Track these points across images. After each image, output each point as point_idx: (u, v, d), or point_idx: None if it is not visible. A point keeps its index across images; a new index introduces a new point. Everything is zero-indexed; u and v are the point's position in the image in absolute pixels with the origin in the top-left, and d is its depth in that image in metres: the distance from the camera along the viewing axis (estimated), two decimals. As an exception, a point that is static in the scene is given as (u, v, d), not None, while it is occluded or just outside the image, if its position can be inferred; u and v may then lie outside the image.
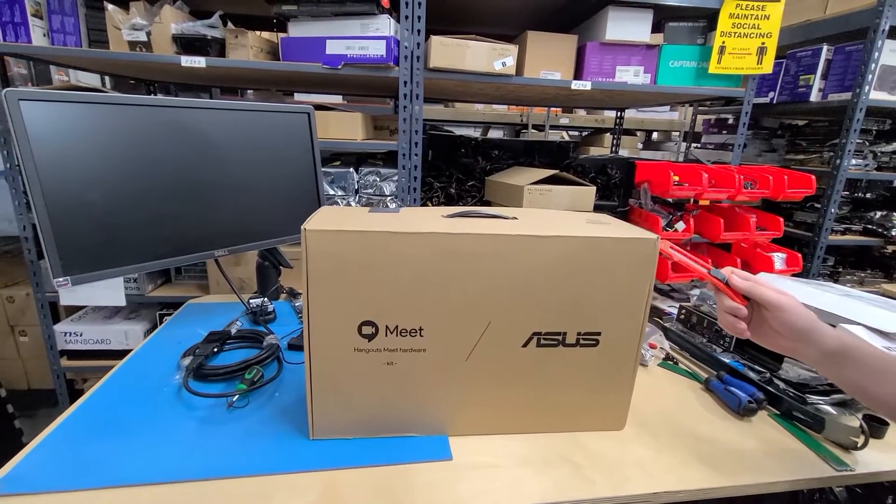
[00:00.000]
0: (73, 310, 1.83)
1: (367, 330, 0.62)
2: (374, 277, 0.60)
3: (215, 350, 0.86)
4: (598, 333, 0.66)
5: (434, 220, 0.66)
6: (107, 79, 2.42)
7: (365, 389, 0.65)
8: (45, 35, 1.42)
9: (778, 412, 0.78)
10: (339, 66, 1.42)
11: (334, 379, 0.64)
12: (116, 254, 0.83)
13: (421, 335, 0.63)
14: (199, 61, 1.35)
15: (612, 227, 0.67)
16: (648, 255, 0.64)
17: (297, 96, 2.94)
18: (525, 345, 0.65)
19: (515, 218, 0.69)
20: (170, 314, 1.15)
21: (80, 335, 1.59)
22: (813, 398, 0.77)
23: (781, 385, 0.81)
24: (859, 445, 0.68)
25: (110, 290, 1.50)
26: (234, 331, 0.94)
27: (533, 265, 0.62)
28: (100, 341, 1.59)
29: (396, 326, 0.62)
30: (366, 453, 0.64)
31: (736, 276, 0.62)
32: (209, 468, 0.60)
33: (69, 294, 1.51)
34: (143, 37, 1.36)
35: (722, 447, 0.69)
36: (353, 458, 0.63)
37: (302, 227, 0.58)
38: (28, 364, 2.03)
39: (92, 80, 2.48)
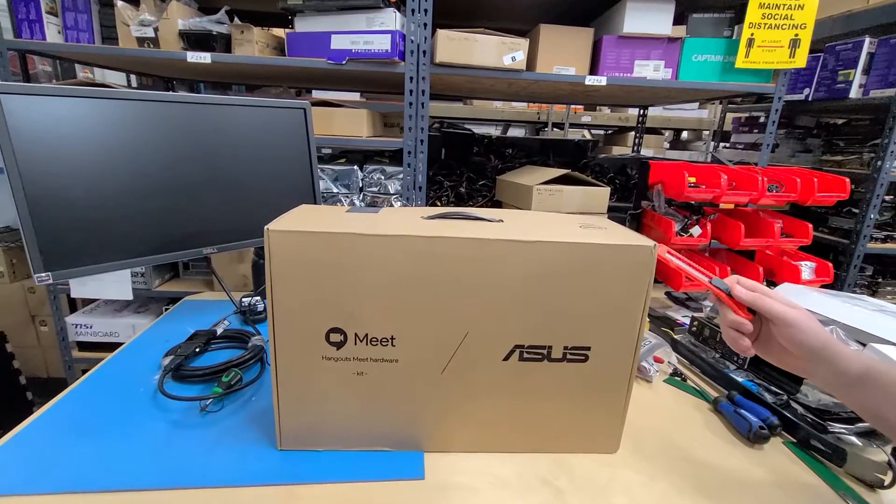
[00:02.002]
0: (89, 302, 1.88)
1: (336, 337, 0.58)
2: (343, 282, 0.56)
3: (197, 350, 0.84)
4: (588, 348, 0.60)
5: (412, 221, 0.61)
6: (133, 77, 2.48)
7: (334, 400, 0.61)
8: (59, 32, 1.45)
9: (794, 440, 0.71)
10: (344, 62, 1.40)
11: (301, 388, 0.60)
12: (100, 249, 0.82)
13: (393, 344, 0.59)
14: (204, 57, 1.34)
15: (607, 233, 0.61)
16: (644, 264, 0.58)
17: (315, 93, 2.95)
18: (506, 358, 0.60)
19: (501, 220, 0.64)
20: (174, 310, 1.14)
21: (91, 327, 1.62)
22: (835, 426, 0.69)
23: (799, 410, 0.73)
24: (886, 484, 0.60)
25: (118, 284, 1.53)
26: (219, 330, 0.92)
27: (515, 272, 0.57)
28: (108, 334, 1.62)
29: (367, 335, 0.58)
30: (332, 468, 0.60)
31: (740, 286, 0.55)
32: (171, 477, 0.58)
33: (79, 287, 1.54)
34: (150, 33, 1.37)
35: (726, 476, 0.63)
36: (319, 472, 0.59)
37: (265, 226, 0.55)
38: (48, 353, 2.09)
39: (117, 78, 2.55)
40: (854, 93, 1.81)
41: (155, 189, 0.87)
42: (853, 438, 0.68)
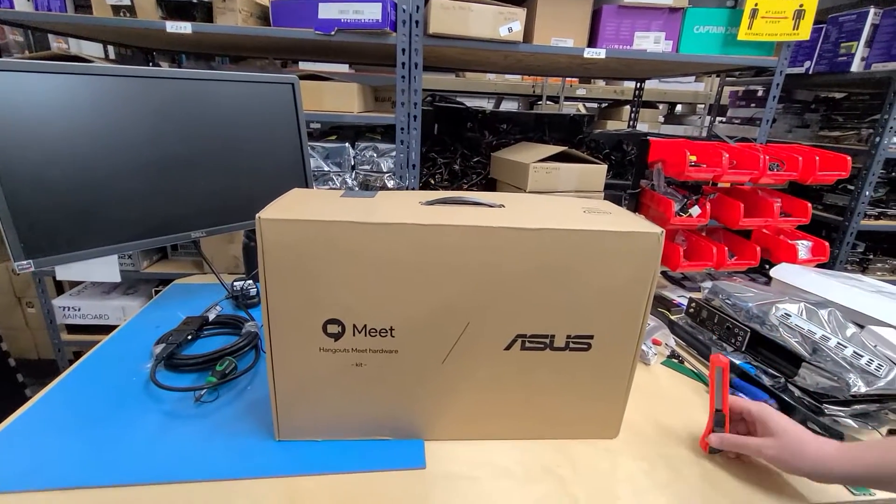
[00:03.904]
0: (76, 283, 1.83)
1: (333, 329, 0.57)
2: (339, 272, 0.54)
3: (189, 337, 0.82)
4: (591, 337, 0.59)
5: (409, 207, 0.59)
6: (110, 48, 2.36)
7: (333, 391, 0.60)
8: (28, 0, 1.35)
9: (791, 422, 0.71)
10: (332, 32, 1.33)
11: (299, 380, 0.59)
12: (83, 235, 0.79)
13: (392, 335, 0.57)
14: (184, 27, 1.27)
15: (612, 219, 0.59)
16: (651, 252, 0.56)
17: (302, 65, 2.84)
18: (508, 348, 0.59)
19: (502, 206, 0.62)
20: (166, 291, 1.11)
21: (79, 310, 1.59)
22: (831, 409, 0.70)
23: (797, 393, 0.74)
24: (881, 466, 0.61)
25: (105, 266, 1.48)
26: (212, 316, 0.90)
27: (517, 261, 0.55)
28: (98, 316, 1.59)
29: (365, 326, 0.57)
30: (332, 459, 0.60)
31: (714, 435, 0.62)
32: (166, 471, 0.56)
33: (64, 270, 1.50)
34: (126, 0, 1.28)
35: (725, 461, 0.63)
36: (319, 464, 0.59)
37: (257, 215, 0.52)
38: (36, 335, 2.05)
39: (94, 49, 2.42)
40: (856, 66, 1.78)
41: (138, 170, 0.83)
42: (849, 421, 0.69)
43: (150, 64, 2.13)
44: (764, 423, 0.58)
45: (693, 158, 1.05)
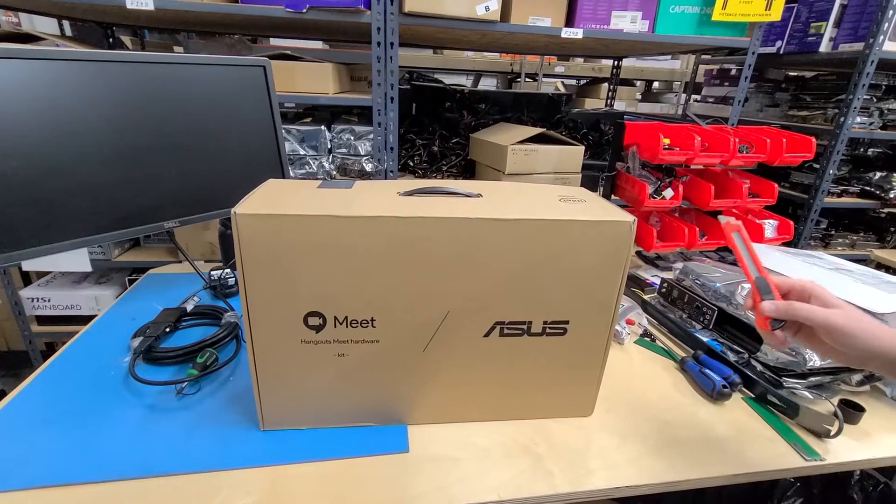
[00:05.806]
0: (44, 273, 1.77)
1: (314, 321, 0.57)
2: (318, 265, 0.54)
3: (168, 329, 0.81)
4: (566, 322, 0.62)
5: (388, 199, 0.59)
6: (66, 23, 2.22)
7: (316, 382, 0.61)
8: (-30, -30, 1.26)
9: (753, 396, 0.76)
10: (304, 10, 1.28)
11: (281, 372, 0.59)
12: (47, 230, 0.77)
13: (373, 326, 0.58)
14: (145, 2, 1.20)
15: (586, 207, 0.60)
16: (624, 239, 0.58)
17: (273, 41, 2.73)
18: (487, 335, 0.61)
19: (480, 195, 0.62)
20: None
21: (49, 301, 1.54)
22: (789, 382, 0.74)
23: (759, 367, 0.78)
24: (832, 434, 0.66)
25: (74, 256, 1.43)
26: (190, 308, 0.89)
27: (494, 251, 0.56)
28: (69, 307, 1.55)
29: (346, 317, 0.57)
30: (317, 446, 0.61)
31: (769, 301, 0.53)
32: (150, 465, 0.57)
33: (31, 260, 1.44)
34: (80, -27, 1.21)
35: (690, 434, 0.67)
36: (304, 451, 0.60)
37: (232, 210, 0.51)
38: (4, 326, 1.99)
39: (47, 24, 2.27)
40: (824, 46, 1.82)
41: (104, 160, 0.80)
42: (805, 392, 0.74)
43: (110, 39, 2.02)
44: (820, 297, 0.52)
45: (667, 141, 1.07)
